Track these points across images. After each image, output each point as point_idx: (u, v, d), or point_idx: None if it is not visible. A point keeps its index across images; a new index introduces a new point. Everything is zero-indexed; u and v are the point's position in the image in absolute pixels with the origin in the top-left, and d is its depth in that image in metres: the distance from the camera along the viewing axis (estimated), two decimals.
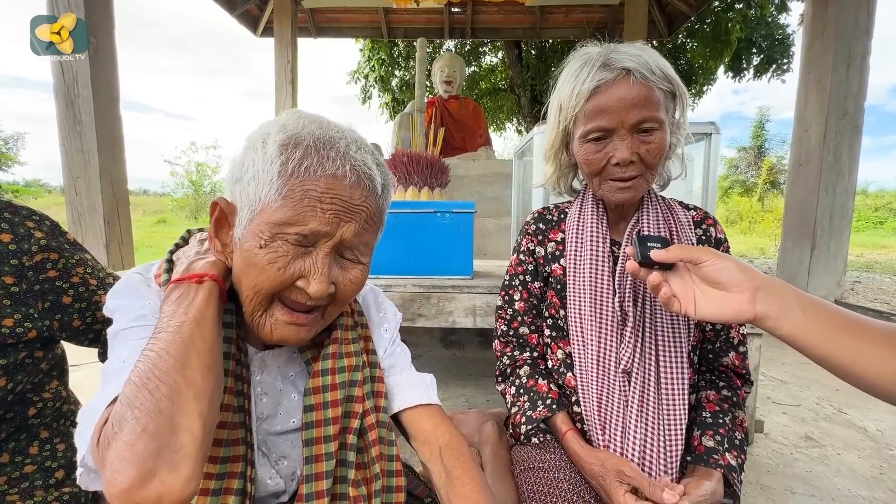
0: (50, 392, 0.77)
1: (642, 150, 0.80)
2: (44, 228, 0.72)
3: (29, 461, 0.71)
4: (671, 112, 0.83)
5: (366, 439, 0.66)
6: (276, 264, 0.54)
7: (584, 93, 0.80)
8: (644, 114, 0.77)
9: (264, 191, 0.54)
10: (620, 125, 0.79)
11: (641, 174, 0.82)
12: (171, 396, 0.45)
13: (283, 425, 0.68)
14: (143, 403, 0.44)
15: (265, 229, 0.54)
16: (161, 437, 0.43)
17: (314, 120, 0.59)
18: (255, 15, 5.45)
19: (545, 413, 0.90)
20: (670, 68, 0.80)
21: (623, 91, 0.77)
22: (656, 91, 0.78)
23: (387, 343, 0.78)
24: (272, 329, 0.58)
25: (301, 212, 0.54)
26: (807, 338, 0.59)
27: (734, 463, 0.81)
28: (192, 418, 0.45)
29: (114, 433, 0.43)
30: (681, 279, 0.68)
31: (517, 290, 1.01)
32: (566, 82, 0.84)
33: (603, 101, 0.79)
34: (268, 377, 0.68)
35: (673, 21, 5.62)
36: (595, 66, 0.79)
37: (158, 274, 0.62)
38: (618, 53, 0.79)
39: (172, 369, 0.47)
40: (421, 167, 1.85)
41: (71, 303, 0.75)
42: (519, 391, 0.96)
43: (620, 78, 0.78)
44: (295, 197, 0.54)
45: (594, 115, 0.80)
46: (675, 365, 0.83)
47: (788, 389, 2.00)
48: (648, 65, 0.77)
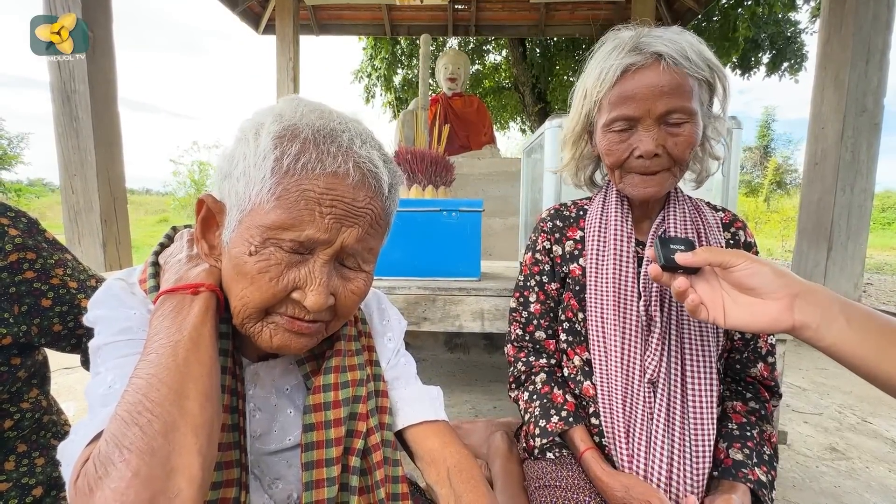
0: (29, 402, 0.71)
1: (669, 142, 0.73)
2: (19, 226, 0.66)
3: (3, 478, 0.66)
4: (707, 103, 0.76)
5: (370, 461, 0.60)
6: (267, 274, 0.48)
7: (610, 77, 0.74)
8: (673, 104, 0.71)
9: (255, 189, 0.48)
10: (647, 115, 0.72)
11: (668, 168, 0.76)
12: (165, 433, 0.39)
13: (277, 444, 0.62)
14: (133, 443, 0.38)
15: (256, 234, 0.48)
16: (155, 482, 0.37)
17: (314, 108, 0.52)
18: (257, 12, 5.41)
19: (561, 426, 0.84)
20: (711, 54, 0.74)
21: (652, 77, 0.71)
22: (689, 79, 0.71)
23: (391, 354, 0.72)
24: (271, 335, 0.51)
25: (297, 215, 0.47)
26: (853, 350, 0.53)
27: (764, 479, 0.75)
28: (191, 457, 0.40)
29: (97, 478, 0.37)
30: (708, 284, 0.63)
31: (533, 292, 0.94)
32: (594, 66, 0.78)
33: (629, 88, 0.73)
34: (261, 391, 0.61)
35: (680, 18, 5.55)
36: (625, 49, 0.72)
37: (144, 279, 0.56)
38: (651, 37, 0.72)
39: (167, 400, 0.41)
40: (425, 165, 1.80)
41: (51, 306, 0.69)
42: (532, 398, 0.90)
43: (650, 63, 0.71)
44: (290, 198, 0.47)
45: (619, 102, 0.74)
46: (703, 375, 0.77)
47: (808, 396, 1.93)
48: (684, 50, 0.70)
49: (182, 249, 0.58)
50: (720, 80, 0.76)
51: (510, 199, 3.12)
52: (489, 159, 3.44)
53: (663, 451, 0.75)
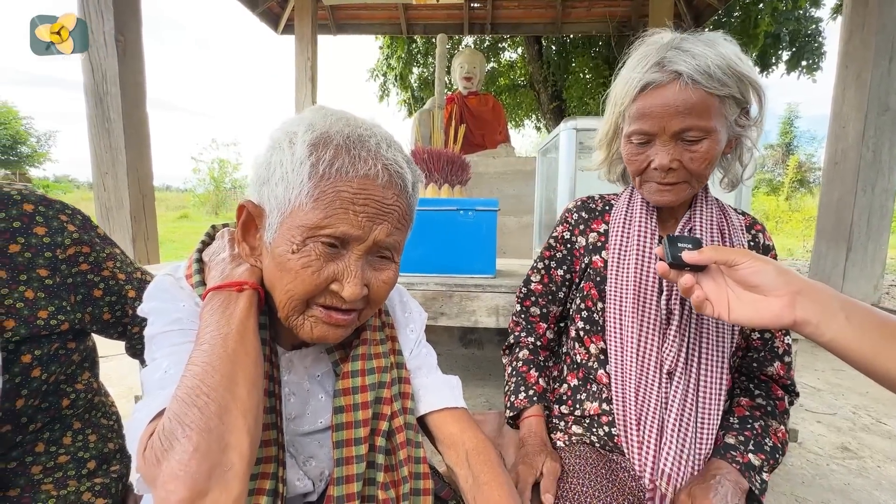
0: (82, 384, 0.78)
1: (685, 157, 0.76)
2: (76, 222, 0.72)
3: (62, 451, 0.72)
4: (735, 115, 0.77)
5: (394, 441, 0.65)
6: (309, 268, 0.53)
7: (630, 93, 0.77)
8: (689, 122, 0.73)
9: (294, 193, 0.53)
10: (662, 131, 0.75)
11: (685, 181, 0.79)
12: (219, 414, 0.45)
13: (310, 426, 0.68)
14: (193, 421, 0.43)
15: (297, 233, 0.53)
16: (212, 456, 0.43)
17: (341, 117, 0.57)
18: (276, 13, 5.50)
19: (525, 403, 0.93)
20: (742, 65, 0.73)
21: (668, 97, 0.73)
22: (710, 98, 0.72)
23: (413, 344, 0.77)
24: (312, 328, 0.57)
25: (333, 214, 0.52)
26: (852, 346, 0.56)
27: (756, 463, 0.78)
28: (241, 436, 0.45)
29: (163, 450, 0.43)
30: (713, 281, 0.66)
31: (537, 272, 1.02)
32: (623, 73, 0.81)
33: (647, 105, 0.75)
34: (295, 377, 0.67)
35: (700, 14, 5.47)
36: (649, 63, 0.75)
37: (190, 275, 0.62)
38: (677, 52, 0.73)
39: (220, 386, 0.46)
40: (441, 164, 1.84)
41: (101, 296, 0.76)
42: (511, 373, 0.99)
43: (668, 82, 0.73)
44: (326, 199, 0.52)
45: (637, 117, 0.77)
46: (715, 367, 0.81)
47: (822, 397, 1.93)
48: (707, 67, 0.71)
49: (224, 248, 0.63)
50: (754, 90, 0.76)
51: (524, 197, 3.15)
52: (504, 158, 3.46)
53: (674, 439, 0.79)
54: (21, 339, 0.64)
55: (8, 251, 0.65)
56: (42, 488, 0.69)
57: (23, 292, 0.65)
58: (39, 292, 0.67)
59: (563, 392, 0.97)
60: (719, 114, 0.74)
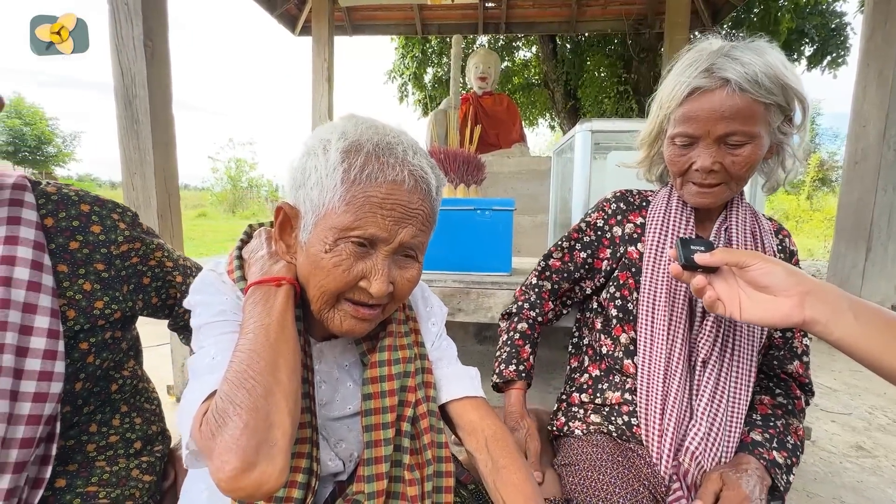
0: (128, 370, 0.84)
1: (727, 160, 0.79)
2: (126, 220, 0.78)
3: (112, 432, 0.79)
4: (779, 122, 0.79)
5: (418, 427, 0.70)
6: (340, 266, 0.58)
7: (678, 96, 0.80)
8: (733, 127, 0.75)
9: (328, 196, 0.58)
10: (707, 135, 0.78)
11: (725, 182, 0.81)
12: (265, 396, 0.50)
13: (339, 411, 0.72)
14: (242, 402, 0.49)
15: (329, 234, 0.58)
16: (260, 433, 0.48)
17: (371, 125, 0.62)
18: (294, 15, 5.59)
19: (513, 375, 1.01)
20: (789, 75, 0.76)
21: (715, 102, 0.76)
22: (756, 104, 0.75)
23: (434, 337, 0.81)
24: (341, 321, 0.62)
25: (363, 217, 0.57)
26: (859, 344, 0.58)
27: (781, 461, 0.81)
28: (283, 415, 0.50)
29: (217, 426, 0.48)
30: (725, 282, 0.68)
31: (560, 250, 1.06)
32: (671, 78, 0.83)
33: (693, 109, 0.78)
34: (325, 366, 0.72)
35: (718, 11, 5.39)
36: (698, 69, 0.77)
37: (231, 270, 0.68)
38: (726, 59, 0.76)
39: (265, 371, 0.51)
40: (457, 164, 1.87)
41: (149, 283, 0.82)
42: (507, 341, 1.06)
43: (716, 88, 0.76)
44: (357, 203, 0.57)
45: (683, 120, 0.80)
46: (745, 358, 0.85)
47: (838, 397, 1.92)
48: (755, 75, 0.73)
49: (261, 247, 0.69)
50: (798, 100, 0.78)
51: (539, 197, 3.17)
52: (519, 158, 3.49)
53: (703, 420, 0.82)
54: (80, 329, 0.70)
55: (69, 248, 0.71)
56: (96, 465, 0.75)
57: (81, 285, 0.71)
58: (96, 284, 0.73)
59: (583, 382, 1.00)
60: (763, 120, 0.76)
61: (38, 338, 0.65)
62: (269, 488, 0.47)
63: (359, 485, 0.65)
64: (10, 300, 0.62)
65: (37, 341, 0.65)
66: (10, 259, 0.64)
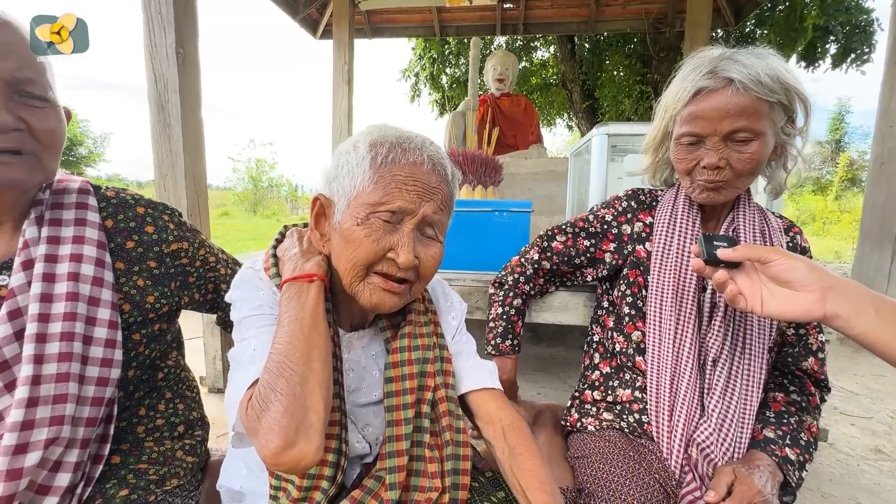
0: (171, 360, 0.91)
1: (734, 157, 0.81)
2: (174, 221, 0.86)
3: (159, 416, 0.86)
4: (782, 123, 0.82)
5: (437, 411, 0.75)
6: (370, 237, 0.64)
7: (684, 97, 0.83)
8: (740, 124, 0.78)
9: (359, 179, 0.65)
10: (713, 133, 0.81)
11: (732, 180, 0.84)
12: (301, 384, 0.56)
13: (366, 398, 0.78)
14: (282, 389, 0.55)
15: (361, 210, 0.65)
16: (298, 416, 0.54)
17: (392, 127, 0.70)
18: (315, 19, 5.70)
19: (509, 350, 1.11)
20: (790, 77, 0.79)
21: (721, 101, 0.79)
22: (760, 102, 0.78)
23: (454, 330, 0.86)
24: (370, 293, 0.67)
25: (390, 192, 0.64)
26: (881, 338, 0.59)
27: (793, 458, 0.83)
28: (318, 401, 0.57)
29: (261, 410, 0.55)
30: (747, 278, 0.70)
31: (565, 234, 1.09)
32: (675, 83, 0.87)
33: (700, 109, 0.81)
34: (353, 356, 0.78)
35: (741, 9, 5.29)
36: (702, 71, 0.81)
37: (267, 267, 0.74)
38: (729, 62, 0.79)
39: (301, 361, 0.58)
40: (475, 166, 1.92)
41: (194, 281, 0.90)
42: (503, 315, 1.13)
43: (721, 87, 0.79)
44: (384, 181, 0.64)
45: (689, 120, 0.83)
46: (756, 356, 0.87)
47: (859, 401, 1.90)
48: (758, 75, 0.77)
49: (294, 245, 0.75)
50: (800, 101, 0.81)
51: (556, 198, 3.19)
52: (536, 159, 3.51)
53: (714, 416, 0.85)
54: (134, 321, 0.77)
55: (126, 247, 0.78)
56: (145, 445, 0.82)
57: (136, 281, 0.78)
58: (148, 280, 0.80)
59: (594, 379, 1.03)
60: (768, 118, 0.79)
61: (101, 328, 0.72)
62: (307, 463, 0.54)
63: (382, 462, 0.71)
64: (79, 293, 0.70)
65: (100, 331, 0.72)
66: (78, 257, 0.71)
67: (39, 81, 0.66)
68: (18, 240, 0.69)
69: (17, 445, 0.62)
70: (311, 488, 0.67)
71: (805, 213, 14.61)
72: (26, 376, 0.64)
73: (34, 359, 0.65)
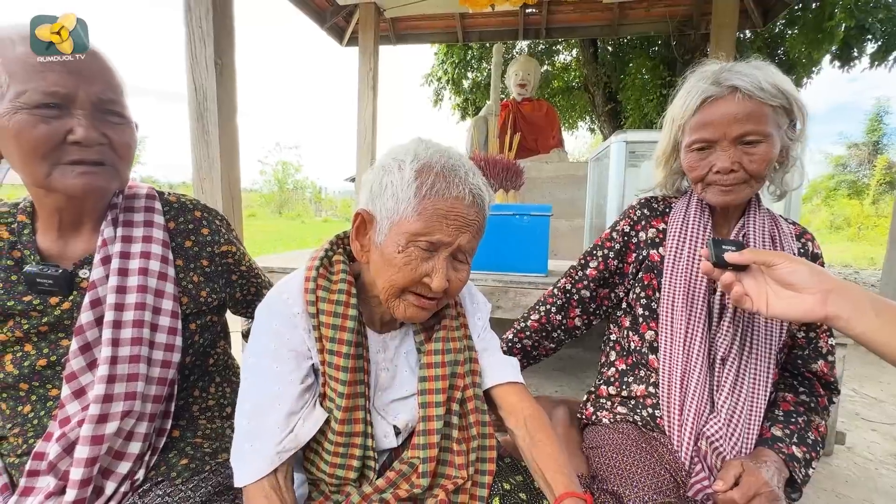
0: (220, 349, 1.01)
1: (745, 159, 0.85)
2: (224, 226, 0.95)
3: (210, 397, 0.95)
4: (784, 127, 0.86)
5: (465, 407, 0.82)
6: (409, 265, 0.71)
7: (691, 106, 0.88)
8: (747, 127, 0.83)
9: (402, 206, 0.70)
10: (723, 137, 0.85)
11: (745, 181, 0.88)
12: None
13: (397, 394, 0.85)
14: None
15: (402, 239, 0.70)
16: None
17: (437, 149, 0.74)
18: (342, 27, 5.85)
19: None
20: (788, 84, 0.84)
21: (728, 107, 0.84)
22: (764, 107, 0.83)
23: (479, 329, 0.93)
24: (405, 309, 0.75)
25: (431, 225, 0.69)
26: (881, 338, 0.62)
27: (799, 456, 0.86)
28: None
29: None
30: (754, 280, 0.75)
31: (596, 259, 1.11)
32: (679, 97, 0.92)
33: (708, 116, 0.86)
34: (388, 355, 0.85)
35: (769, 10, 5.19)
36: (706, 82, 0.86)
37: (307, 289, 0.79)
38: (730, 72, 0.84)
39: None
40: (497, 170, 1.98)
41: (237, 280, 0.99)
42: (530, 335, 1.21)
43: (727, 94, 0.84)
44: (427, 213, 0.69)
45: (699, 127, 0.88)
46: (763, 355, 0.91)
47: (883, 408, 1.88)
48: (759, 82, 0.82)
49: None
50: (798, 108, 0.85)
51: (576, 202, 3.22)
52: (556, 163, 3.55)
53: (723, 411, 0.89)
54: (190, 312, 0.87)
55: (184, 246, 0.88)
56: (199, 422, 0.92)
57: (192, 277, 0.88)
58: (201, 277, 0.90)
59: (610, 375, 1.08)
60: (773, 121, 0.84)
61: (165, 317, 0.82)
62: None
63: (414, 451, 0.78)
64: (147, 286, 0.80)
65: (164, 320, 0.82)
66: (147, 254, 0.81)
67: (119, 101, 0.76)
68: (97, 239, 0.80)
69: (99, 415, 0.72)
70: (341, 485, 0.77)
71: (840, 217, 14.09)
72: (106, 356, 0.74)
73: (112, 342, 0.75)
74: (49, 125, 0.68)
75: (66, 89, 0.69)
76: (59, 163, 0.71)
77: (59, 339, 0.77)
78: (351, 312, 0.75)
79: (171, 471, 0.80)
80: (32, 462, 0.73)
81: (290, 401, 0.73)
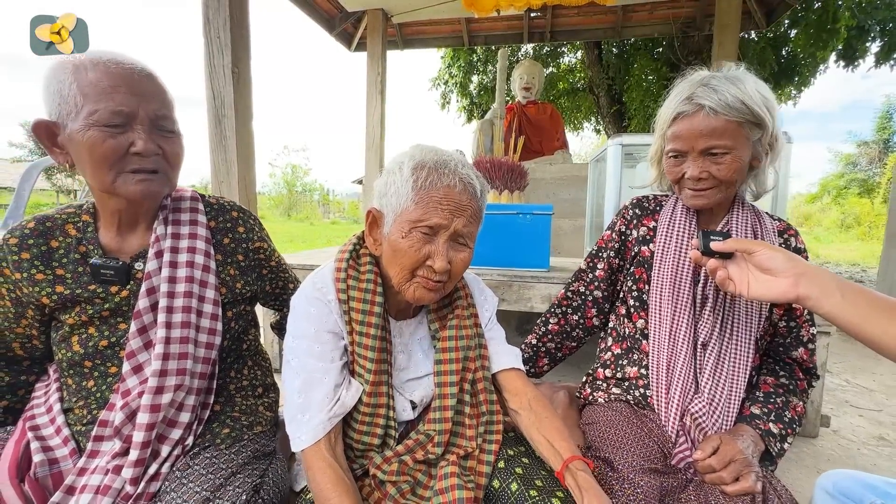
0: (251, 335, 1.12)
1: (713, 168, 0.96)
2: (256, 225, 1.07)
3: (244, 378, 1.06)
4: (756, 137, 0.95)
5: (475, 387, 0.94)
6: (413, 248, 0.82)
7: (667, 120, 0.99)
8: (711, 142, 0.93)
9: (403, 200, 0.81)
10: (691, 149, 0.96)
11: (715, 187, 0.98)
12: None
13: (412, 375, 0.96)
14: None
15: (405, 226, 0.82)
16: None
17: (431, 150, 0.86)
18: (350, 32, 5.97)
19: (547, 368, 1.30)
20: (757, 101, 0.91)
21: (694, 123, 0.94)
22: (729, 123, 0.91)
23: (487, 320, 1.04)
24: (414, 290, 0.85)
25: (427, 211, 0.80)
26: (844, 315, 0.71)
27: (776, 431, 0.96)
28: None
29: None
30: (737, 266, 0.84)
31: (602, 260, 1.21)
32: (665, 104, 1.02)
33: (678, 129, 0.97)
34: (403, 339, 0.96)
35: (772, 11, 5.23)
36: (681, 97, 0.96)
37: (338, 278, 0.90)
38: (704, 88, 0.93)
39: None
40: (502, 172, 2.08)
41: (267, 274, 1.10)
42: (532, 346, 1.31)
43: (694, 112, 0.94)
44: (423, 202, 0.80)
45: (672, 139, 0.99)
46: (742, 341, 1.00)
47: (873, 396, 1.95)
48: (726, 100, 0.90)
49: None
50: (765, 120, 0.92)
51: (579, 202, 3.31)
52: (560, 165, 3.64)
53: (705, 390, 0.98)
54: (228, 301, 0.98)
55: (223, 242, 1.00)
56: (236, 399, 1.03)
57: (229, 270, 1.00)
58: (236, 270, 1.01)
59: (607, 359, 1.18)
60: (738, 135, 0.93)
61: (208, 305, 0.93)
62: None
63: (429, 424, 0.89)
64: (193, 277, 0.91)
65: (207, 307, 0.93)
66: (192, 249, 0.93)
67: (170, 117, 0.88)
68: (150, 236, 0.91)
69: (157, 387, 0.83)
70: (366, 450, 0.87)
71: (850, 216, 13.99)
72: (161, 337, 0.85)
73: (166, 325, 0.86)
74: (116, 140, 0.80)
75: (130, 108, 0.80)
76: (122, 171, 0.82)
77: (118, 322, 0.89)
78: (378, 300, 0.87)
79: (215, 438, 0.91)
80: (98, 428, 0.84)
81: (334, 374, 0.83)
